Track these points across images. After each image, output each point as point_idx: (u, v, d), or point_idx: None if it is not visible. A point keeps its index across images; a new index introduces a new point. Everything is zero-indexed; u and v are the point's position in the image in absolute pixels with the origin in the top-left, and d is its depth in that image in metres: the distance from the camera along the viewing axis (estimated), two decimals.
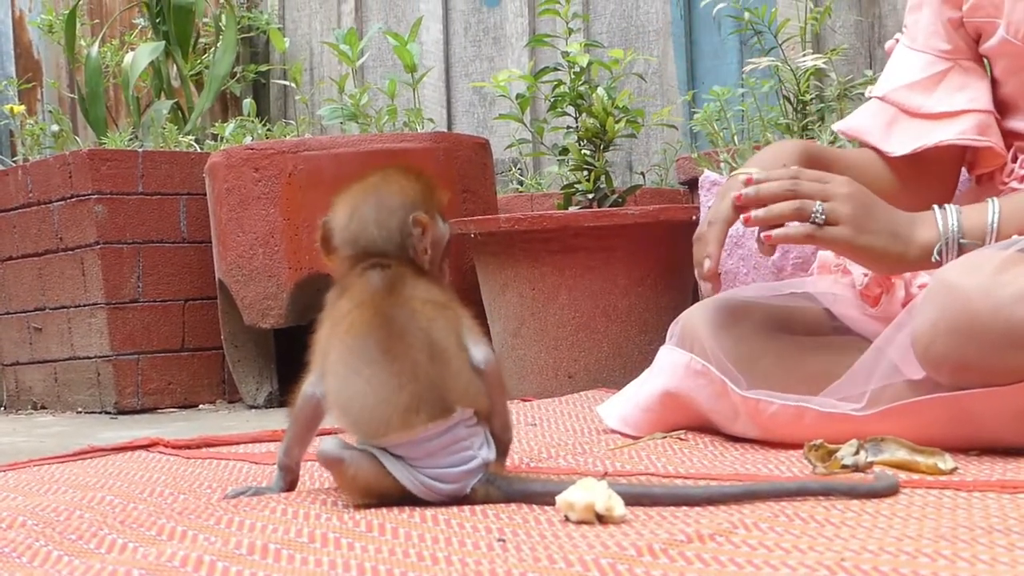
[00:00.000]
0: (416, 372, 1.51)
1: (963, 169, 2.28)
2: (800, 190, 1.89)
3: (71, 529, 1.48)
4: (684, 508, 1.46)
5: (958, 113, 2.17)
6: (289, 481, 1.72)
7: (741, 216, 1.93)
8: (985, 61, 2.23)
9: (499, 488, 1.56)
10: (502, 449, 1.61)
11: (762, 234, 1.91)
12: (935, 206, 1.96)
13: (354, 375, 1.54)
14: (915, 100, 2.20)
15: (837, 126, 2.33)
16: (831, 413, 1.89)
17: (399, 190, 1.66)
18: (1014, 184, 2.14)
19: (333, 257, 1.67)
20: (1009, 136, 2.19)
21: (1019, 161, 2.17)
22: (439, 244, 1.66)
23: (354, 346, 1.55)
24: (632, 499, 1.49)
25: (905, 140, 2.19)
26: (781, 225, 1.89)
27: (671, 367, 2.14)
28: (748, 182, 1.92)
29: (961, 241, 1.90)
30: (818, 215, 1.88)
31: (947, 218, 1.93)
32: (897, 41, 2.32)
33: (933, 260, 1.89)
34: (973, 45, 2.24)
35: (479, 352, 1.59)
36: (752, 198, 1.90)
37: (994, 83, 2.24)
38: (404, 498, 1.54)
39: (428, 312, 1.58)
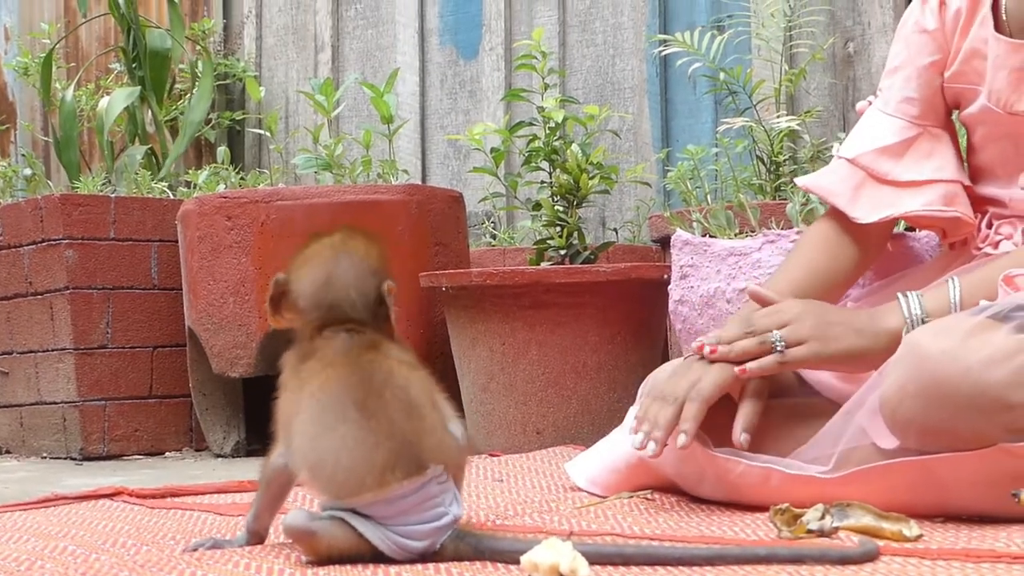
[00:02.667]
0: (392, 430, 1.51)
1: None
2: (756, 327, 1.97)
3: None
4: (648, 572, 1.45)
5: (925, 183, 2.20)
6: (255, 542, 1.71)
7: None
8: (959, 127, 2.25)
9: (468, 544, 1.55)
10: None
11: (736, 368, 1.96)
12: (898, 294, 1.98)
13: (327, 433, 1.53)
14: (884, 166, 2.22)
15: (801, 181, 2.33)
16: (798, 475, 1.89)
17: (367, 255, 1.67)
18: (988, 250, 2.16)
19: (286, 318, 1.65)
20: (984, 202, 2.21)
21: (994, 227, 2.19)
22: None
23: (328, 404, 1.54)
24: (603, 559, 1.49)
25: (871, 207, 2.21)
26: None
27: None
28: (699, 349, 1.99)
29: (925, 320, 1.92)
30: (778, 343, 1.95)
31: (910, 302, 1.95)
32: (870, 103, 2.34)
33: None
34: (946, 112, 2.26)
35: (456, 427, 1.60)
36: (715, 346, 1.97)
37: (971, 149, 2.25)
38: (374, 557, 1.53)
39: (404, 371, 1.59)
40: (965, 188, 2.22)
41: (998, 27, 2.15)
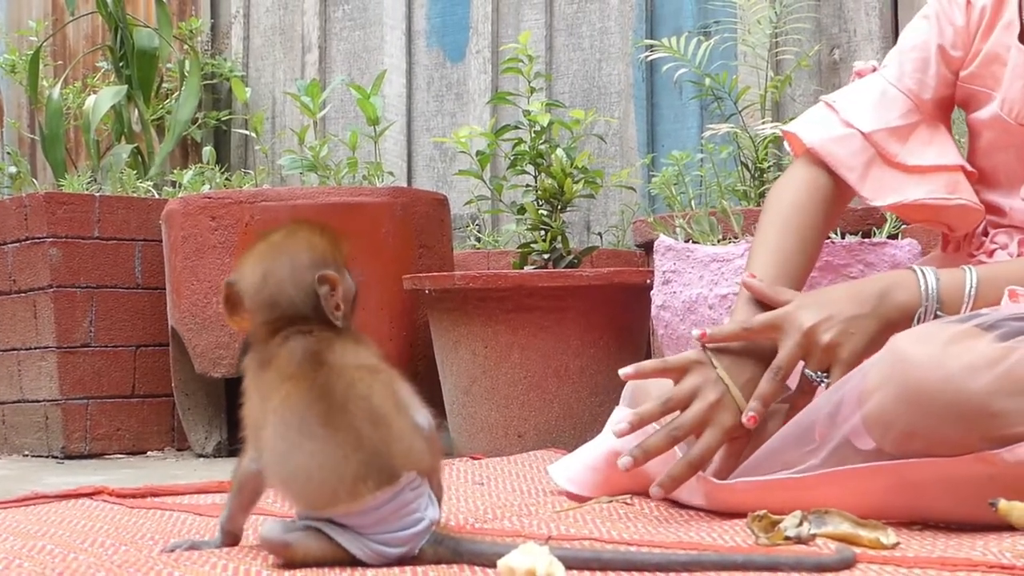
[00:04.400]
0: (360, 442, 1.49)
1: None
2: (752, 327, 1.97)
3: None
4: (632, 575, 1.45)
5: (929, 169, 2.16)
6: (230, 543, 1.70)
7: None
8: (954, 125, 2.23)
9: (447, 548, 1.55)
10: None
11: (744, 419, 1.93)
12: (913, 267, 1.97)
13: (294, 450, 1.51)
14: (893, 147, 2.17)
15: (808, 140, 2.22)
16: (773, 478, 1.88)
17: (308, 246, 1.63)
18: (982, 257, 2.14)
19: (240, 320, 1.64)
20: (984, 208, 2.18)
21: (990, 235, 2.17)
22: (348, 299, 1.64)
23: (292, 421, 1.52)
24: (580, 563, 1.49)
25: (879, 188, 2.16)
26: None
27: None
28: (702, 337, 1.97)
29: (937, 312, 1.91)
30: (818, 379, 1.93)
31: (928, 283, 1.93)
32: (874, 69, 2.29)
33: (913, 325, 1.89)
34: (951, 107, 2.24)
35: (422, 417, 1.58)
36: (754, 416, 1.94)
37: (973, 152, 2.23)
38: (352, 564, 1.53)
39: (365, 379, 1.56)
40: (967, 174, 2.18)
41: (1022, 35, 2.13)
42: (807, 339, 1.93)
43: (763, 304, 2.02)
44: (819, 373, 1.93)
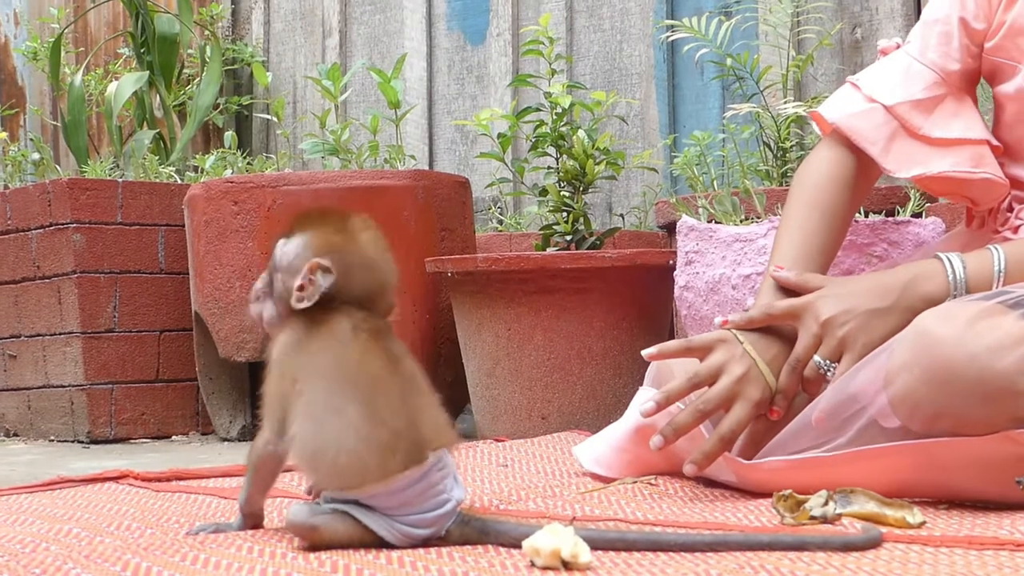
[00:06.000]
0: (394, 413, 1.51)
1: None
2: (774, 313, 1.98)
3: (35, 563, 1.47)
4: (650, 557, 1.45)
5: (954, 142, 2.14)
6: (252, 524, 1.71)
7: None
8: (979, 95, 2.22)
9: (474, 528, 1.55)
10: None
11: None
12: (939, 255, 1.96)
13: (325, 425, 1.52)
14: (917, 120, 2.16)
15: (830, 117, 2.23)
16: (802, 459, 1.88)
17: (381, 239, 1.67)
18: (1007, 233, 2.12)
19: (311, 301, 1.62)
20: (1009, 183, 2.16)
21: (1016, 211, 2.15)
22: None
23: (328, 397, 1.53)
24: (605, 544, 1.49)
25: (902, 160, 2.15)
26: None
27: None
28: (724, 324, 1.99)
29: (967, 284, 1.91)
30: (828, 370, 1.93)
31: (955, 271, 1.93)
32: (898, 45, 2.28)
33: None
34: (976, 80, 2.22)
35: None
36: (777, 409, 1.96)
37: (998, 125, 2.21)
38: (379, 545, 1.53)
39: (408, 357, 1.59)
40: (993, 149, 2.16)
41: None
42: (823, 330, 1.93)
43: (789, 291, 2.02)
44: (827, 362, 1.93)
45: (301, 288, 1.59)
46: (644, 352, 2.02)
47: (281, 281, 1.63)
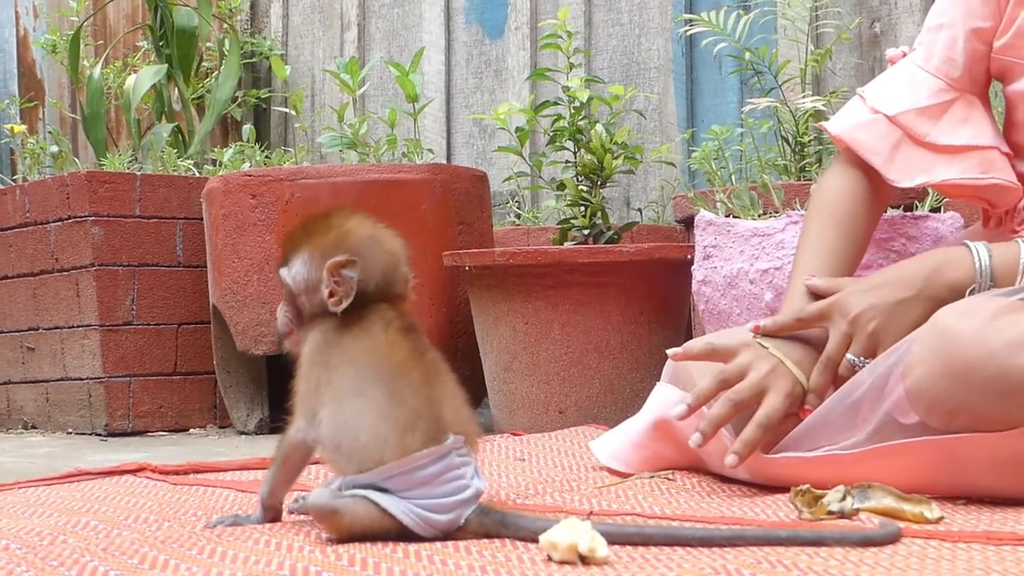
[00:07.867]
0: (415, 393, 1.53)
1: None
2: (805, 317, 1.99)
3: (53, 555, 1.48)
4: (667, 552, 1.45)
5: (962, 149, 2.13)
6: (271, 518, 1.71)
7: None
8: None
9: (493, 520, 1.55)
10: None
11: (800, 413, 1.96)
12: (966, 242, 1.95)
13: (349, 406, 1.54)
14: (922, 127, 2.16)
15: (835, 130, 2.24)
16: (821, 455, 1.88)
17: (394, 236, 1.68)
18: None
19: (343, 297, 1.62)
20: (1021, 180, 2.15)
21: None
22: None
23: (358, 382, 1.55)
24: (623, 538, 1.49)
25: (907, 169, 2.15)
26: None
27: (664, 402, 2.14)
28: (755, 329, 1.99)
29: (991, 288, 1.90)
30: (860, 364, 1.93)
31: (981, 259, 1.92)
32: (905, 54, 2.27)
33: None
34: (986, 82, 2.21)
35: None
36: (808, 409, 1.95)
37: (1010, 125, 2.20)
38: (399, 534, 1.53)
39: (433, 348, 1.62)
40: (1004, 155, 2.16)
41: None
42: (852, 327, 1.93)
43: (819, 298, 2.02)
44: (861, 359, 1.92)
45: (332, 294, 1.61)
46: (670, 351, 2.03)
47: (308, 301, 1.64)
